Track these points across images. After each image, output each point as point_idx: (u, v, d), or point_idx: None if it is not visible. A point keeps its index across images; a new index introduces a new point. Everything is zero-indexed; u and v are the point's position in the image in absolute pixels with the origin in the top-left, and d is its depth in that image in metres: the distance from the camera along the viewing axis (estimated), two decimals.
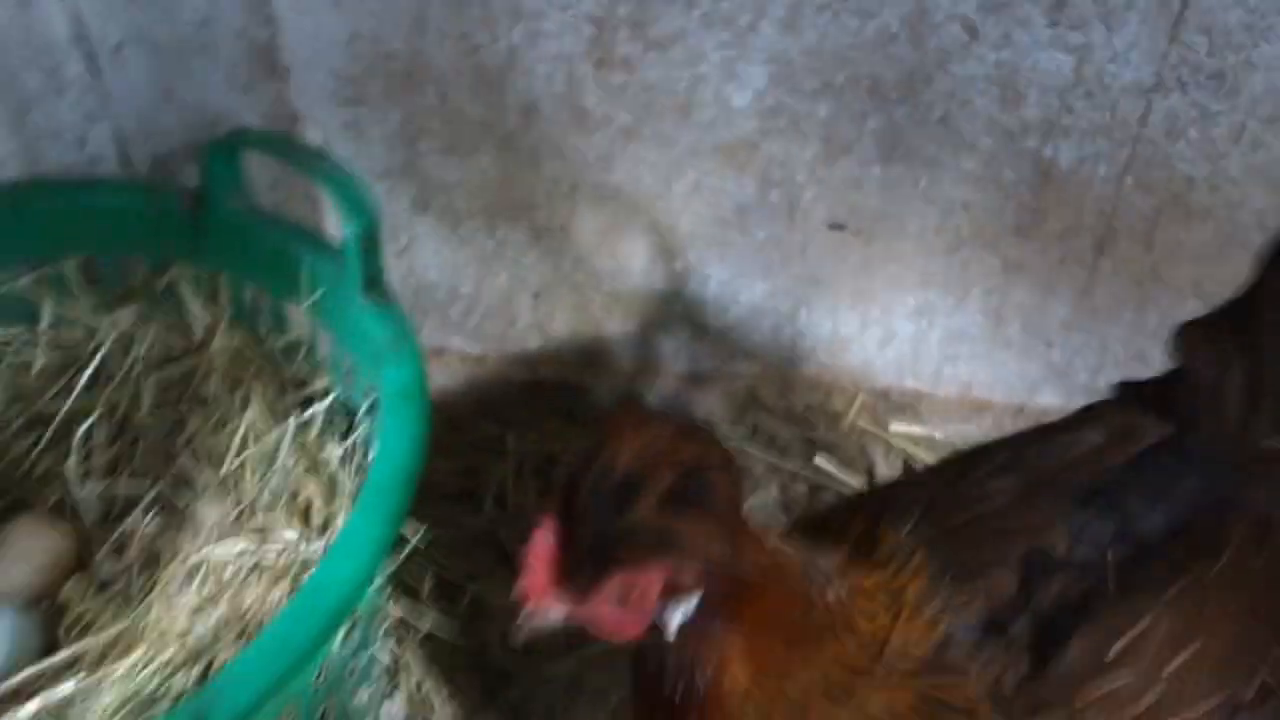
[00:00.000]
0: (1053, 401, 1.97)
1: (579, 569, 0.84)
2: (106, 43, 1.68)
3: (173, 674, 1.25)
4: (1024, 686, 0.95)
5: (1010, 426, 1.88)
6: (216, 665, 1.27)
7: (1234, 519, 1.09)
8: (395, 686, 1.62)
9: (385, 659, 1.54)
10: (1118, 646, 0.98)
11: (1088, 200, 1.72)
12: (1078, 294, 1.83)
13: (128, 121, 1.76)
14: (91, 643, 1.38)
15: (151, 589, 1.44)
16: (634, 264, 1.91)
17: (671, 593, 0.86)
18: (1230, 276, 1.71)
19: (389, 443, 1.23)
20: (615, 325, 2.02)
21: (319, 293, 1.48)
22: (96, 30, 1.67)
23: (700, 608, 0.87)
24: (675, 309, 1.97)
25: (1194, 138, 1.63)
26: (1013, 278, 1.84)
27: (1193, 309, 1.76)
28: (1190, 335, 1.21)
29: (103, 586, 1.52)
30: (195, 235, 1.59)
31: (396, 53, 1.69)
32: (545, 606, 0.87)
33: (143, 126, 1.76)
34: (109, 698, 1.25)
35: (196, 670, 1.26)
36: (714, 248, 1.87)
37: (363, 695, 1.42)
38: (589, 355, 2.07)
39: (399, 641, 1.60)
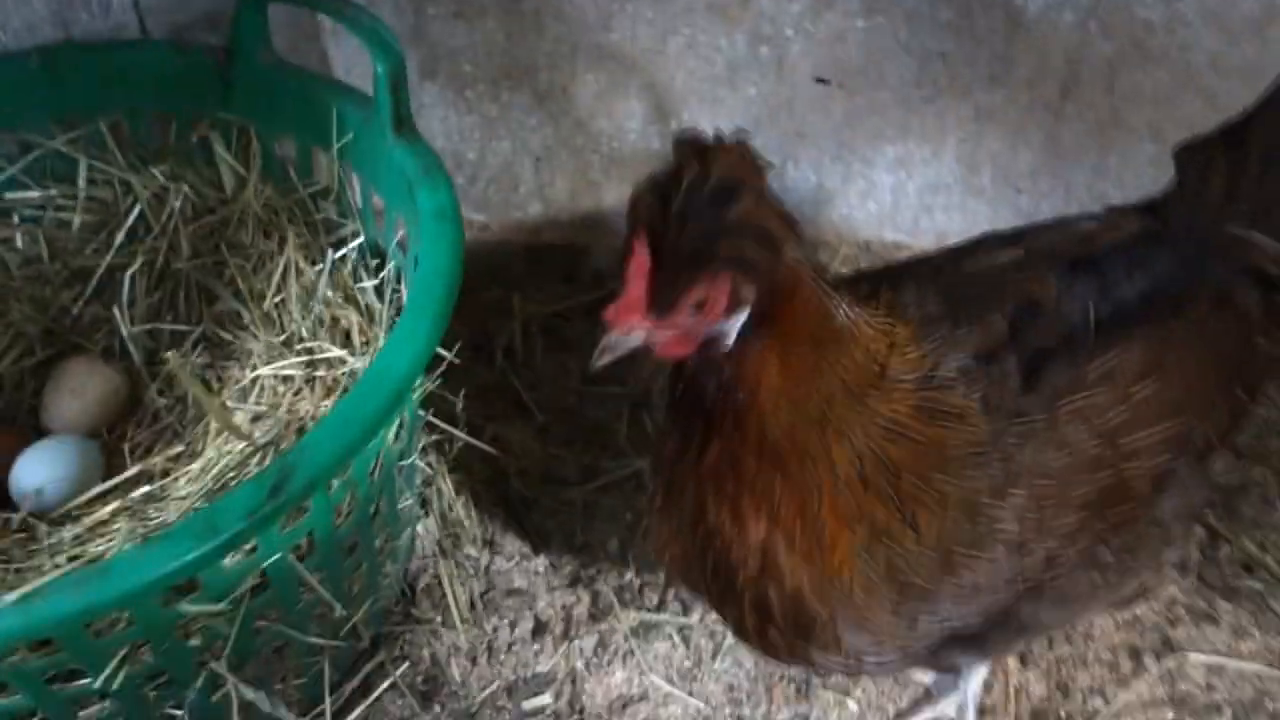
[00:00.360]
0: None
1: (673, 276, 0.95)
2: None
3: (243, 464, 1.37)
4: (1012, 401, 1.10)
5: None
6: None
7: (1200, 287, 1.25)
8: (428, 508, 1.75)
9: (420, 477, 1.67)
10: (1095, 373, 1.13)
11: (1054, 47, 1.85)
12: (1045, 140, 1.97)
13: None
14: (156, 460, 1.51)
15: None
16: (630, 124, 2.03)
17: (734, 304, 0.98)
18: (1185, 118, 1.85)
19: (430, 253, 1.35)
20: (612, 188, 2.14)
21: (349, 136, 1.58)
22: None
23: (749, 319, 1.00)
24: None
25: None
26: (985, 126, 1.97)
27: (1150, 152, 1.91)
28: (1186, 149, 1.37)
29: (156, 419, 1.64)
30: (225, 91, 1.68)
31: None
32: (634, 324, 0.97)
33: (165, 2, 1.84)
34: (185, 491, 1.38)
35: (266, 460, 1.38)
36: (706, 105, 1.98)
37: (405, 501, 1.55)
38: (587, 219, 2.19)
39: (431, 469, 1.73)
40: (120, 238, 1.71)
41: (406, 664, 1.61)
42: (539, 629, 1.69)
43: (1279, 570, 1.73)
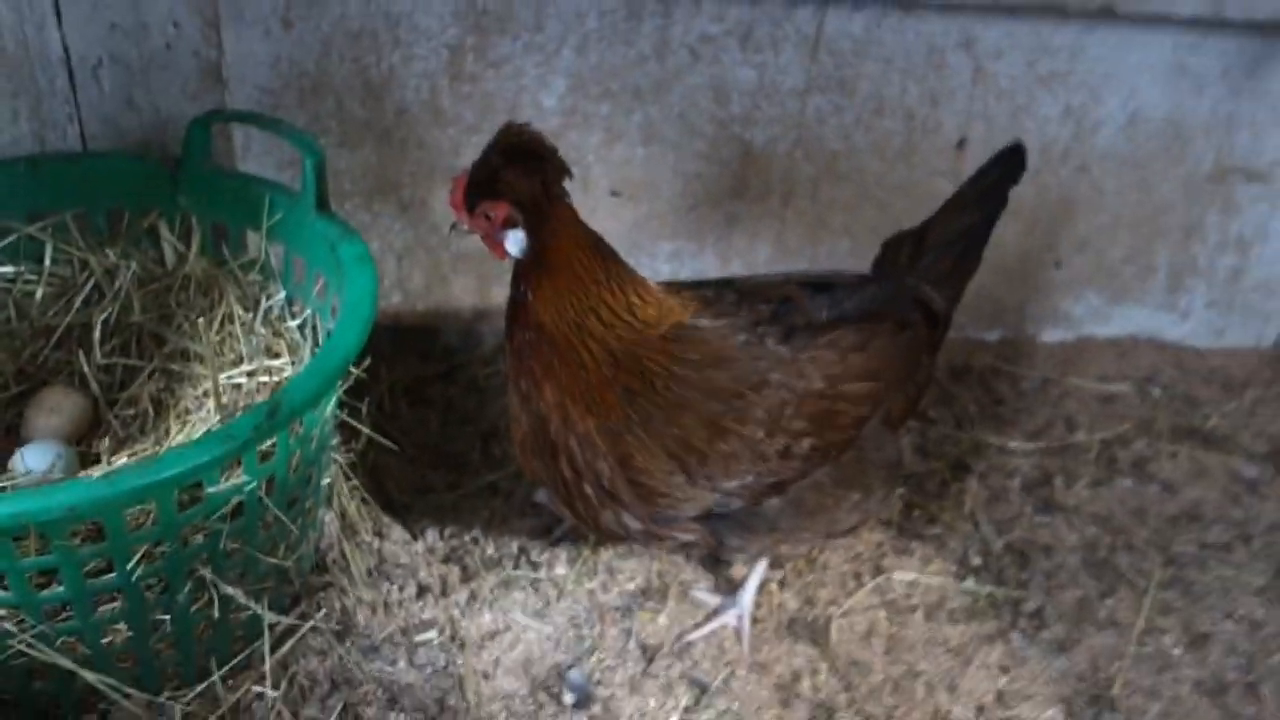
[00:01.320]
0: None
1: (473, 194, 1.74)
2: (87, 62, 2.32)
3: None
4: (771, 347, 1.83)
5: None
6: None
7: (891, 311, 2.01)
8: (330, 505, 2.24)
9: (331, 468, 2.17)
10: (824, 339, 1.88)
11: (774, 170, 2.65)
12: (775, 238, 2.74)
13: (93, 124, 2.39)
14: (132, 451, 1.96)
15: (169, 418, 2.03)
16: None
17: (508, 221, 1.75)
18: (867, 222, 2.66)
19: (356, 280, 1.92)
20: (459, 280, 2.76)
21: (278, 217, 2.15)
22: (78, 52, 2.31)
23: (528, 242, 1.73)
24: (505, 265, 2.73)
25: (833, 124, 2.59)
26: (733, 228, 2.73)
27: (847, 246, 2.71)
28: (890, 239, 2.20)
29: (116, 434, 2.08)
30: (173, 190, 2.23)
31: (307, 71, 2.42)
32: (458, 217, 1.77)
33: (106, 128, 2.39)
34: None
35: None
36: None
37: (325, 480, 2.06)
38: (439, 306, 2.79)
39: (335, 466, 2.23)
40: (78, 303, 2.20)
41: (323, 611, 2.07)
42: (422, 591, 2.18)
43: (951, 523, 2.45)
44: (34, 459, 1.90)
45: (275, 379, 2.03)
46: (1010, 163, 2.16)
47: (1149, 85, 2.60)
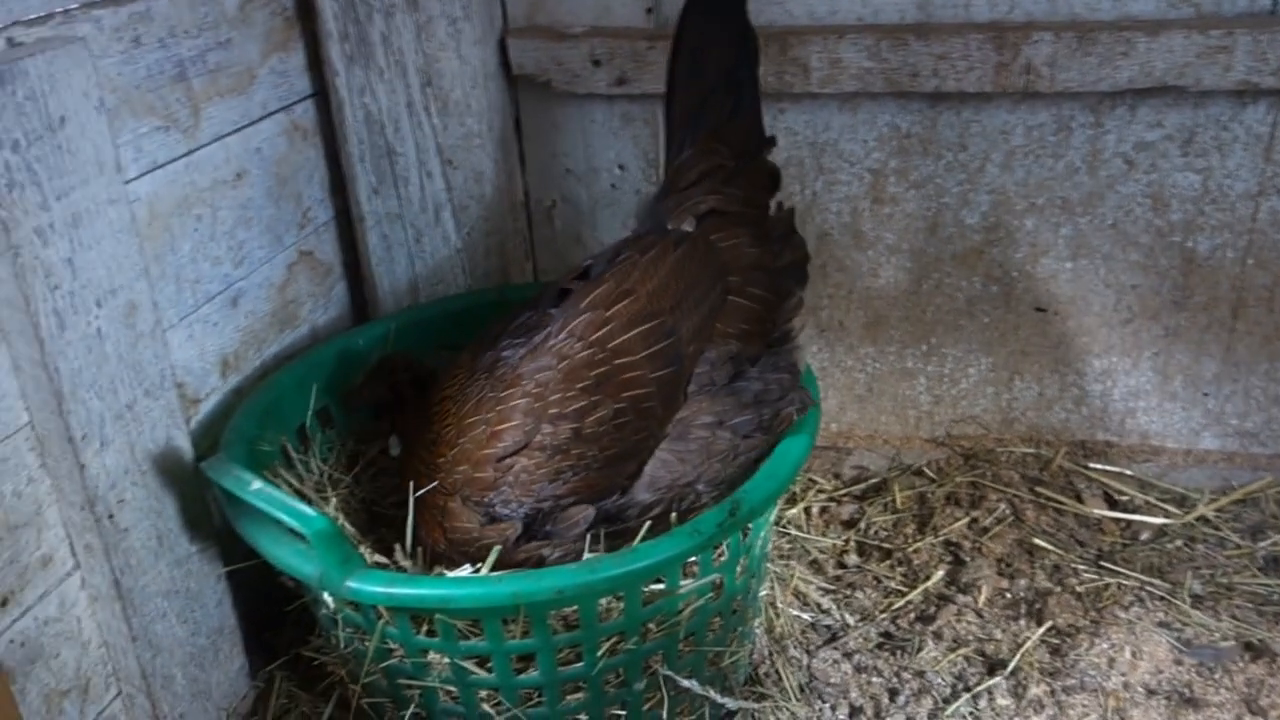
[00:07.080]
0: (1212, 445, 2.62)
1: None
2: (542, 205, 2.59)
3: None
4: None
5: (1182, 466, 2.56)
6: None
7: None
8: (760, 624, 2.25)
9: (767, 580, 2.18)
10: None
11: (1222, 279, 2.45)
12: (1222, 352, 2.52)
13: (544, 258, 2.65)
14: None
15: None
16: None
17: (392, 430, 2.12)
18: None
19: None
20: (874, 401, 2.75)
21: None
22: (535, 196, 2.58)
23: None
24: (923, 384, 2.70)
25: None
26: (1172, 342, 2.54)
27: None
28: None
29: None
30: None
31: None
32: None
33: (555, 261, 2.65)
34: None
35: None
36: (951, 333, 2.62)
37: (762, 591, 2.07)
38: (852, 426, 2.79)
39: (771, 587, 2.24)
40: None
41: None
42: (854, 712, 2.12)
43: None
44: None
45: None
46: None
47: None
